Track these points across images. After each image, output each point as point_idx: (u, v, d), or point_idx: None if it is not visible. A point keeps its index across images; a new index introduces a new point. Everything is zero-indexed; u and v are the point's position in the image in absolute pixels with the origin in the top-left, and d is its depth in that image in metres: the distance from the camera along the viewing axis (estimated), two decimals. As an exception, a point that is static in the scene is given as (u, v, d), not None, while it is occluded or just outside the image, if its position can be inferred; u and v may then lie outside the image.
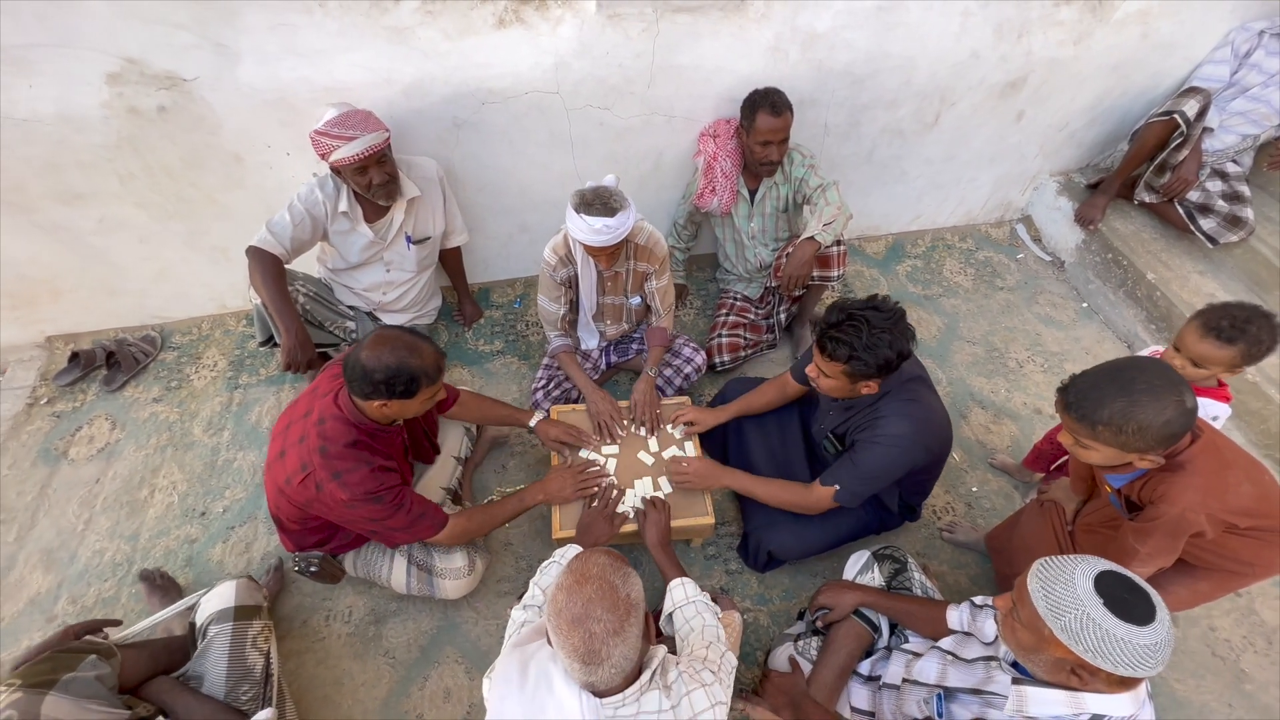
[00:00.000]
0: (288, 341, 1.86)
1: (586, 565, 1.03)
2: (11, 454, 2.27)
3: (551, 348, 2.22)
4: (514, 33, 1.97)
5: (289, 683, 1.77)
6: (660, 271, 2.07)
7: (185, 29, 1.79)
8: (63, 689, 1.30)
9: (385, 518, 1.53)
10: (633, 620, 1.00)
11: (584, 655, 0.97)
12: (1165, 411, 1.18)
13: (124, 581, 1.96)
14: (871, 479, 1.64)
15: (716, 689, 1.11)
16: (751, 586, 2.00)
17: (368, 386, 1.41)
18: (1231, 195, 2.61)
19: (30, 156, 1.97)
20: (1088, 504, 1.68)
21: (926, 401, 1.63)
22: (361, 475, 1.46)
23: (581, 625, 0.97)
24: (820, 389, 1.64)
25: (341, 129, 1.81)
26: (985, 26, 2.30)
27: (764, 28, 2.11)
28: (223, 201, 2.23)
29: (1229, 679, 1.86)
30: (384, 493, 1.50)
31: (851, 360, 1.47)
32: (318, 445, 1.47)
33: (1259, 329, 1.46)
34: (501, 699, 1.08)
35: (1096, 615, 0.95)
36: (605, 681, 0.99)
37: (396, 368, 1.40)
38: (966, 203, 3.11)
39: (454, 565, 1.78)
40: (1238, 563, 1.43)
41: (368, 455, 1.49)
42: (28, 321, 2.50)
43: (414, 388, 1.44)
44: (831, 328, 1.49)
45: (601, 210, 1.74)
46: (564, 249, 2.00)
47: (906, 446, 1.59)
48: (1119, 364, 1.27)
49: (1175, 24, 2.49)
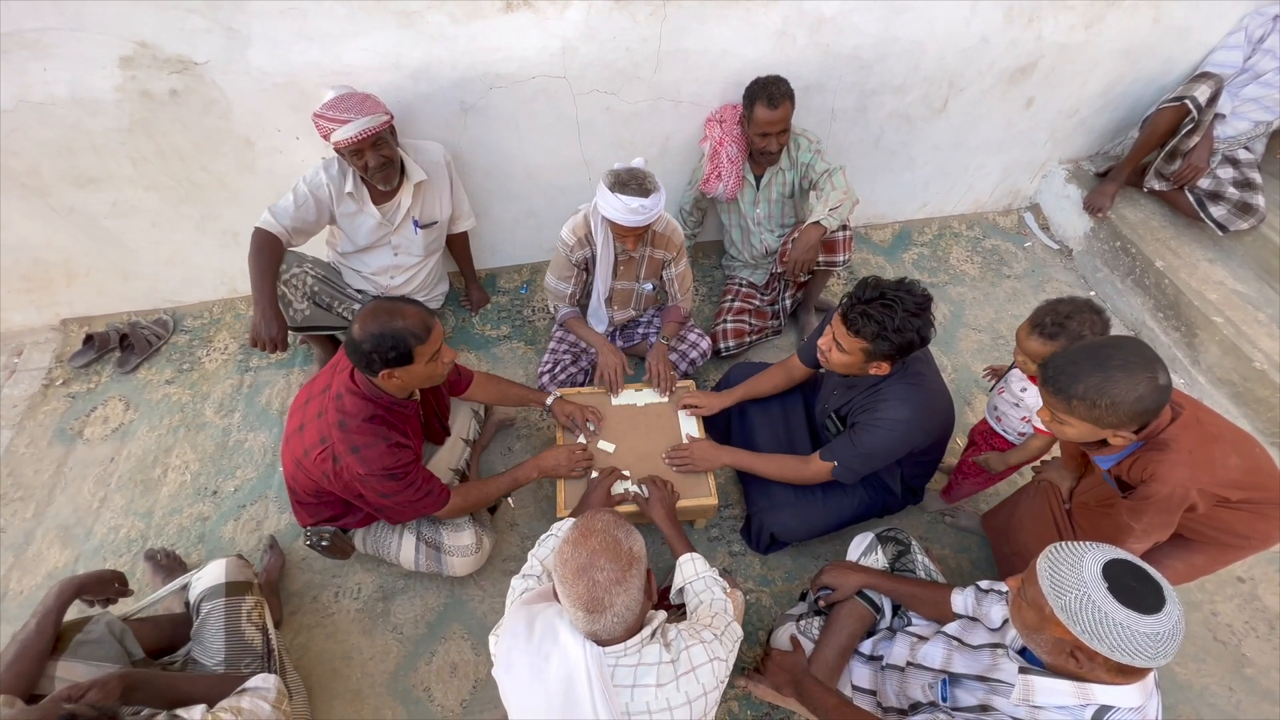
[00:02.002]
0: (255, 318, 1.90)
1: (591, 521, 1.09)
2: (29, 433, 2.31)
3: (560, 315, 2.24)
4: (521, 17, 1.98)
5: (298, 657, 1.82)
6: (678, 259, 2.10)
7: (197, 13, 1.81)
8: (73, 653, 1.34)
9: (397, 493, 1.55)
10: (634, 572, 1.05)
11: (588, 603, 1.02)
12: (1138, 388, 1.19)
13: (138, 557, 2.00)
14: (869, 459, 1.65)
15: (715, 646, 1.15)
16: (754, 568, 2.02)
17: (363, 360, 1.43)
18: (1243, 182, 2.58)
19: (45, 140, 2.00)
20: (1082, 481, 1.68)
21: (928, 385, 1.63)
22: (380, 451, 1.49)
23: (586, 574, 1.02)
24: (829, 363, 1.62)
25: (337, 111, 1.82)
26: (995, 11, 2.29)
27: (771, 11, 2.11)
28: (234, 186, 2.25)
29: (1230, 663, 1.87)
30: (399, 469, 1.52)
31: (878, 339, 1.46)
32: (337, 420, 1.49)
33: (1079, 324, 1.49)
34: (509, 650, 1.13)
35: (1097, 598, 0.95)
36: (608, 630, 1.04)
37: (380, 334, 1.39)
38: (974, 190, 3.09)
39: (462, 543, 1.81)
40: (1233, 535, 1.43)
41: (385, 430, 1.51)
42: (43, 305, 2.55)
43: (405, 350, 1.42)
44: (863, 303, 1.46)
45: (637, 190, 1.77)
46: (584, 229, 2.01)
47: (904, 430, 1.60)
48: (1098, 341, 1.29)
49: (1188, 8, 2.46)
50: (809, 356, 1.86)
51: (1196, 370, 2.49)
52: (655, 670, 1.07)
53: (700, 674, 1.10)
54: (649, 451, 1.95)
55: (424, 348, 1.46)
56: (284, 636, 1.84)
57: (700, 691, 1.09)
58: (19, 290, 2.46)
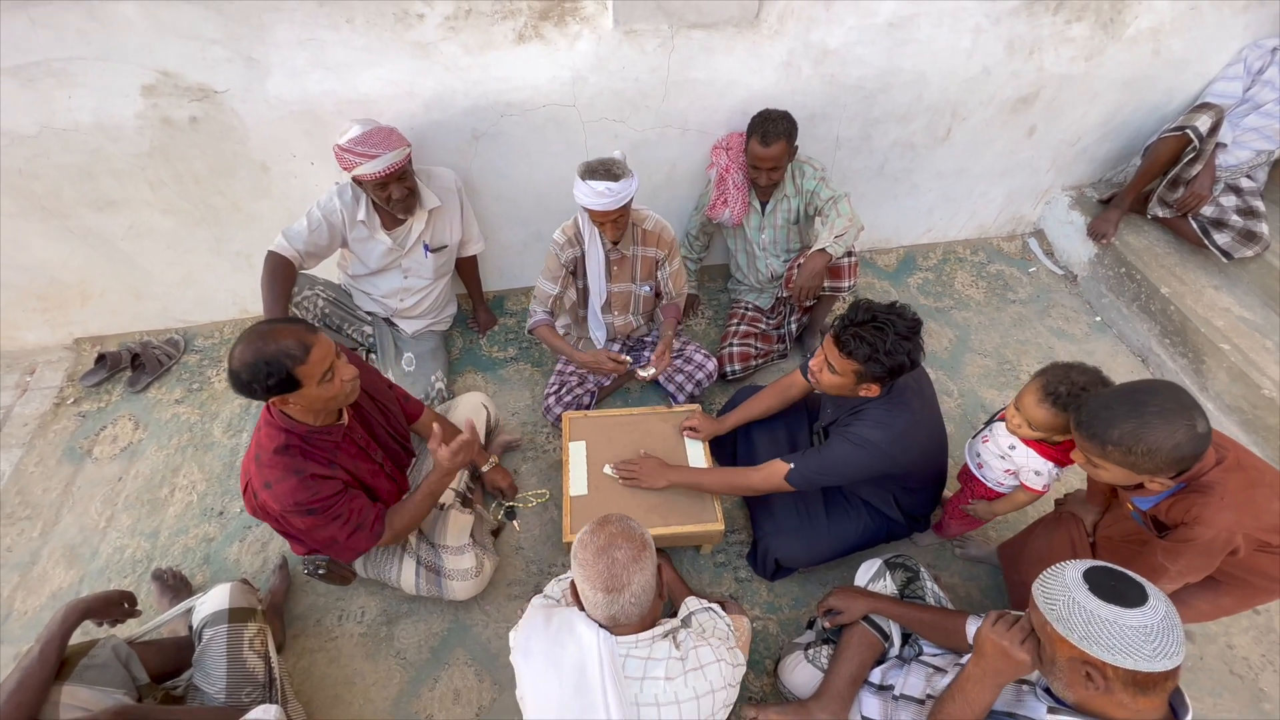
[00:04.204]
0: None
1: (606, 517, 1.18)
2: (38, 452, 2.33)
3: (532, 322, 2.24)
4: (533, 48, 2.03)
5: (300, 681, 1.80)
6: (671, 256, 2.15)
7: (218, 44, 1.86)
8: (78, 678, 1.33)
9: (319, 528, 1.47)
10: (648, 555, 1.13)
11: (607, 581, 1.09)
12: (1175, 435, 1.18)
13: (144, 578, 2.00)
14: (828, 470, 1.65)
15: (723, 649, 1.19)
16: (761, 595, 2.00)
17: (245, 390, 1.33)
18: (1246, 210, 2.60)
19: (67, 164, 2.05)
20: (1106, 515, 1.67)
21: (911, 414, 1.62)
22: (290, 485, 1.40)
23: (606, 553, 1.10)
24: (820, 384, 1.63)
25: (365, 147, 1.87)
26: (996, 43, 2.33)
27: (777, 44, 2.16)
28: (248, 209, 2.30)
29: (1247, 698, 1.83)
30: (314, 504, 1.42)
31: (870, 361, 1.47)
32: (254, 454, 1.43)
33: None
34: (527, 637, 1.21)
35: (1081, 598, 0.99)
36: (625, 613, 1.11)
37: (254, 361, 1.29)
38: (978, 216, 3.12)
39: (462, 566, 1.79)
40: (1265, 578, 1.41)
41: (299, 462, 1.42)
42: (58, 324, 2.58)
43: (284, 374, 1.31)
44: (855, 325, 1.48)
45: (605, 175, 1.82)
46: (572, 229, 2.07)
47: (871, 452, 1.59)
48: (1133, 386, 1.28)
49: (1187, 41, 2.51)
50: None
51: (1205, 397, 2.48)
52: (664, 664, 1.11)
53: (708, 671, 1.13)
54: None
55: (306, 369, 1.33)
56: (286, 660, 1.83)
57: (708, 689, 1.12)
58: (34, 309, 2.50)
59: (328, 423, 1.50)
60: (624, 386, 2.54)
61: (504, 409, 2.47)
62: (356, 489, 1.56)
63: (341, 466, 1.52)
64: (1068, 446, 1.59)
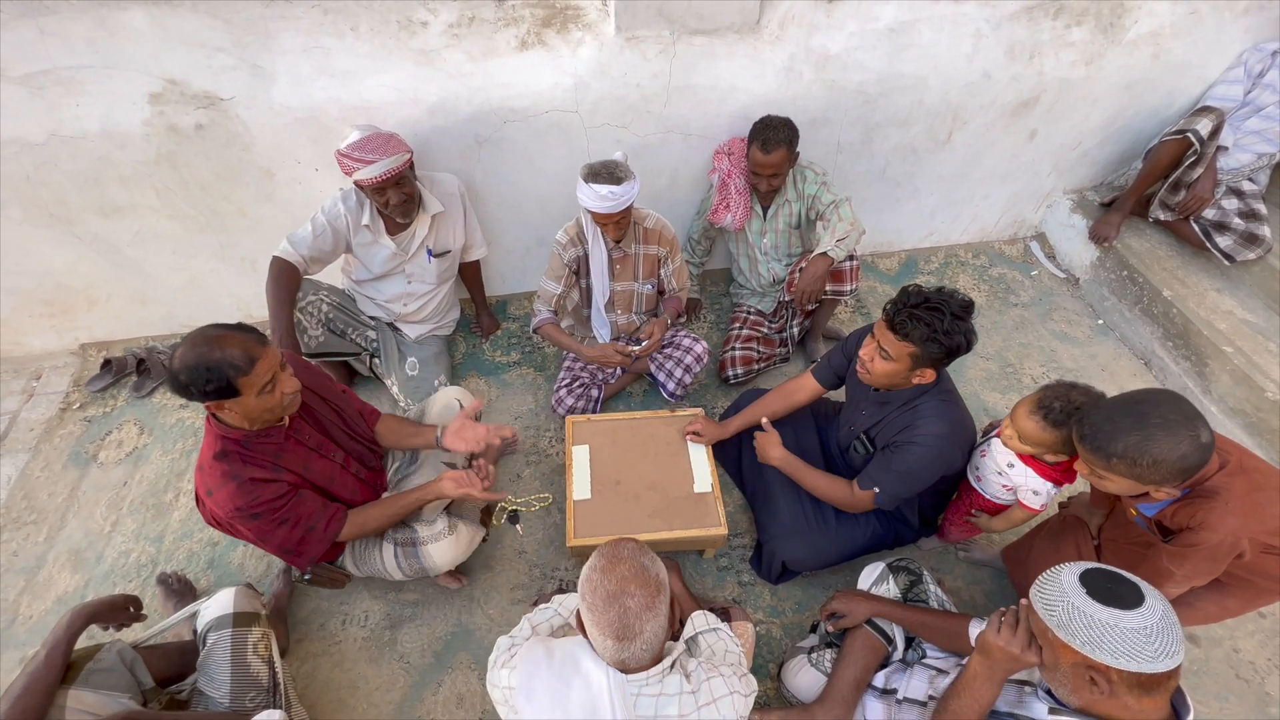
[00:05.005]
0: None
1: (617, 549, 1.09)
2: (44, 457, 2.34)
3: (536, 321, 2.24)
4: (535, 54, 2.04)
5: (304, 686, 1.80)
6: (673, 254, 2.16)
7: (224, 51, 1.88)
8: (83, 682, 1.33)
9: (268, 534, 1.44)
10: (662, 598, 1.05)
11: (619, 630, 1.01)
12: (1180, 446, 1.18)
13: (148, 582, 2.00)
14: (908, 480, 1.62)
15: (735, 680, 1.15)
16: (764, 598, 2.00)
17: (181, 391, 1.30)
18: (1248, 213, 2.60)
19: (74, 171, 2.06)
20: (1110, 518, 1.67)
21: (960, 405, 1.64)
22: (229, 491, 1.37)
23: (617, 601, 1.02)
24: (871, 375, 1.59)
25: (363, 152, 1.88)
26: (997, 48, 2.34)
27: (778, 49, 2.17)
28: (253, 215, 2.31)
29: (1253, 701, 1.82)
30: (258, 508, 1.39)
31: (929, 342, 1.44)
32: (199, 461, 1.42)
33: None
34: (529, 677, 1.11)
35: (1079, 602, 0.99)
36: (636, 658, 1.04)
37: (195, 365, 1.27)
38: (980, 219, 3.13)
39: (434, 530, 1.71)
40: (1270, 580, 1.41)
41: (237, 467, 1.39)
42: (64, 330, 2.60)
43: (225, 382, 1.29)
44: (911, 307, 1.46)
45: (608, 179, 1.83)
46: (575, 229, 2.09)
47: (944, 447, 1.58)
48: (1135, 396, 1.27)
49: (1187, 45, 2.52)
50: (825, 375, 1.88)
51: (1208, 400, 2.48)
52: (677, 700, 1.07)
53: (721, 705, 1.10)
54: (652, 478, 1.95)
55: (248, 379, 1.31)
56: (290, 665, 1.83)
57: None
58: (40, 315, 2.51)
59: (265, 426, 1.45)
60: (626, 390, 2.55)
61: (507, 413, 2.48)
62: (308, 490, 1.52)
63: (287, 469, 1.48)
64: (1064, 467, 1.59)
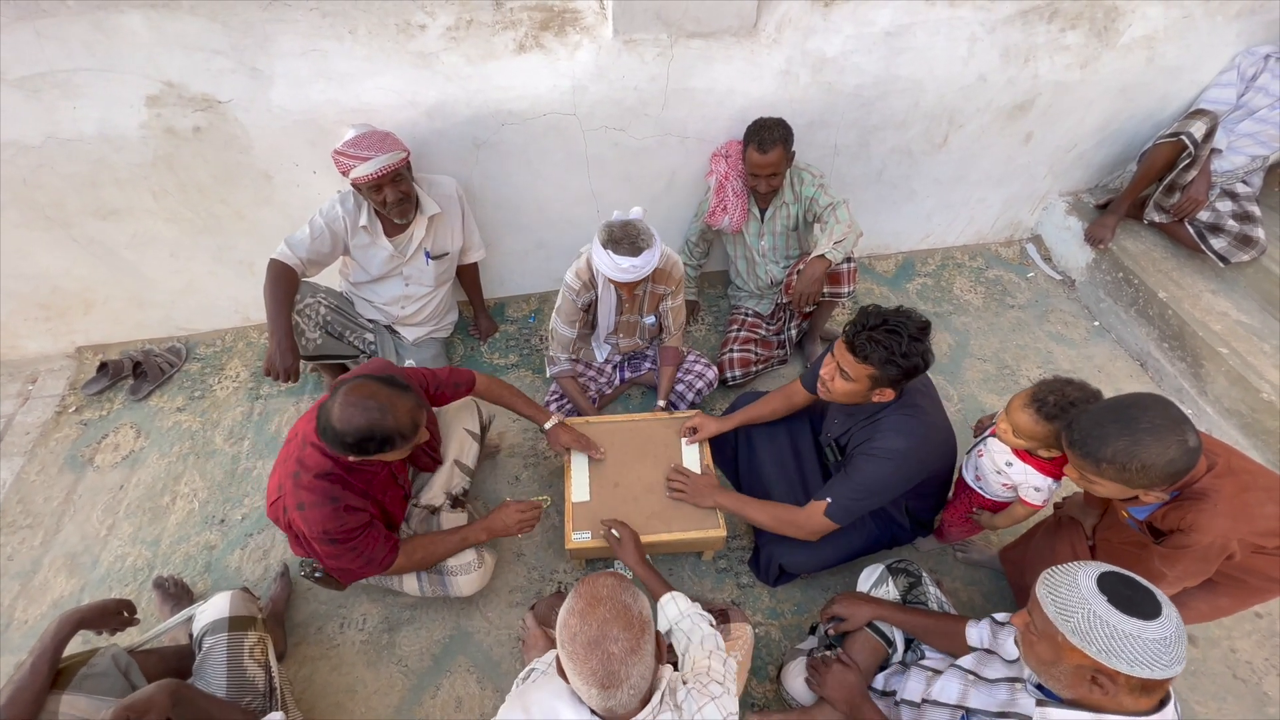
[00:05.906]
0: (270, 348, 1.91)
1: (595, 588, 1.00)
2: (40, 460, 2.33)
3: (554, 371, 2.25)
4: (533, 58, 2.05)
5: (302, 689, 1.80)
6: (675, 292, 2.12)
7: (222, 54, 1.88)
8: (77, 687, 1.32)
9: (336, 556, 1.51)
10: (647, 638, 0.98)
11: (603, 678, 0.93)
12: (1168, 451, 1.19)
13: (145, 586, 1.99)
14: (865, 494, 1.60)
15: (727, 700, 1.11)
16: (763, 600, 2.00)
17: (336, 444, 1.37)
18: (1242, 215, 2.62)
19: (71, 174, 2.06)
20: (1104, 518, 1.67)
21: (926, 417, 1.62)
22: (324, 513, 1.43)
23: (599, 647, 0.94)
24: (831, 392, 1.61)
25: (358, 149, 1.88)
26: (992, 51, 2.36)
27: (775, 52, 2.18)
28: (251, 217, 2.31)
29: (1251, 702, 1.82)
30: (340, 534, 1.47)
31: (887, 364, 1.46)
32: (294, 469, 1.46)
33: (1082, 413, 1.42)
34: None
35: (1101, 611, 0.96)
36: (624, 705, 0.97)
37: (368, 430, 1.33)
38: (976, 222, 3.14)
39: (464, 561, 1.78)
40: (1262, 579, 1.41)
41: (338, 490, 1.46)
42: (60, 333, 2.59)
43: (387, 447, 1.38)
44: (869, 330, 1.47)
45: (629, 250, 1.78)
46: (587, 274, 2.03)
47: (900, 463, 1.57)
48: (1122, 401, 1.28)
49: (1181, 48, 2.53)
50: (812, 384, 1.88)
51: (1204, 401, 2.49)
52: None
53: None
54: (650, 480, 1.96)
55: (409, 443, 1.41)
56: (288, 669, 1.82)
57: None
58: (37, 318, 2.51)
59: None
60: (625, 394, 2.55)
61: (506, 415, 2.47)
62: (379, 520, 1.60)
63: (373, 498, 1.56)
64: (1060, 461, 1.59)
